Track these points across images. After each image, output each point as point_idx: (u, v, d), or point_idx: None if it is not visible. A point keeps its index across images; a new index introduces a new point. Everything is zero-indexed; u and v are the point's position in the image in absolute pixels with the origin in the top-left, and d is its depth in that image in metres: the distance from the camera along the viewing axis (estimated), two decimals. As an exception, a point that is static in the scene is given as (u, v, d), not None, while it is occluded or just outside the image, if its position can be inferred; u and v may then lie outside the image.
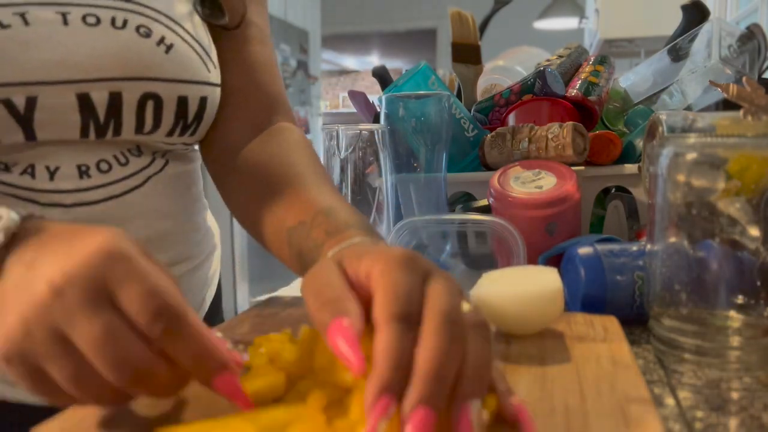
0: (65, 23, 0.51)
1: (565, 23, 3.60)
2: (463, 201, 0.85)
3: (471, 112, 0.88)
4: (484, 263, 0.70)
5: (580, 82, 0.85)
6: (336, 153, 0.67)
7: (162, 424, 0.34)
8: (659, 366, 0.47)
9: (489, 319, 0.48)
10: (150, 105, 0.55)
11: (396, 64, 7.46)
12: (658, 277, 0.47)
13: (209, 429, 0.31)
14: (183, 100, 0.57)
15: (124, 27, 0.54)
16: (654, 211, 0.48)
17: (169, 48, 0.56)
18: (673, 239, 0.46)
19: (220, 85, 0.62)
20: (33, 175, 0.53)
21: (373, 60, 8.01)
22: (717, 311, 0.45)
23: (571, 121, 0.73)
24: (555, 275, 0.48)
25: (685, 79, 0.83)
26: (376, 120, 0.88)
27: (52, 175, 0.53)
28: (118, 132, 0.55)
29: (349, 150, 0.67)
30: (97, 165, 0.55)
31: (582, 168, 0.74)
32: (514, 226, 0.59)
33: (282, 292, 0.94)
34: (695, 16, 0.93)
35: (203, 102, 0.59)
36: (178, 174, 0.63)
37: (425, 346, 0.29)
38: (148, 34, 0.55)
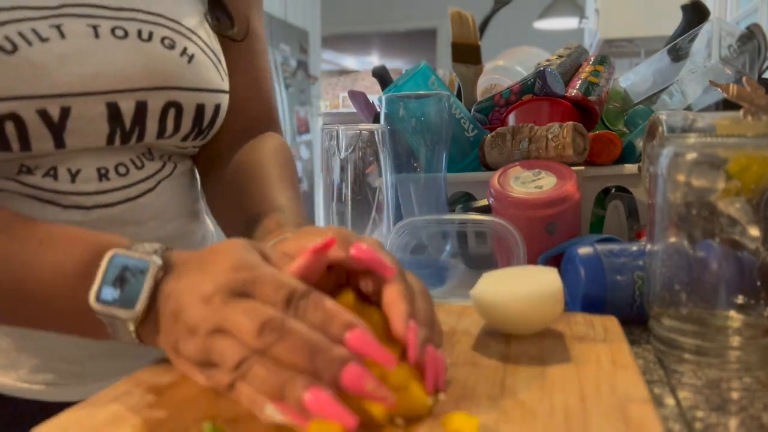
0: (96, 36, 0.53)
1: (565, 23, 3.61)
2: (463, 201, 0.85)
3: (471, 112, 0.88)
4: (484, 263, 0.70)
5: (580, 82, 0.85)
6: (336, 153, 0.67)
7: (161, 425, 0.34)
8: (659, 366, 0.47)
9: (489, 319, 0.48)
10: (172, 112, 0.58)
11: (396, 64, 7.46)
12: (658, 277, 0.47)
13: None
14: (201, 107, 0.60)
15: (150, 39, 0.56)
16: (654, 211, 0.48)
17: (191, 58, 0.59)
18: (673, 239, 0.46)
19: (228, 92, 0.64)
20: (55, 177, 0.54)
21: (373, 60, 8.01)
22: (717, 311, 0.45)
23: (571, 121, 0.73)
24: (555, 275, 0.48)
25: (685, 79, 0.83)
26: (376, 120, 0.88)
27: (74, 177, 0.55)
28: (141, 138, 0.57)
29: (349, 150, 0.67)
30: (116, 168, 0.57)
31: (582, 168, 0.74)
32: (514, 226, 0.59)
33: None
34: (695, 16, 0.93)
35: (217, 109, 0.62)
36: (183, 175, 0.65)
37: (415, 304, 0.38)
38: (172, 46, 0.57)
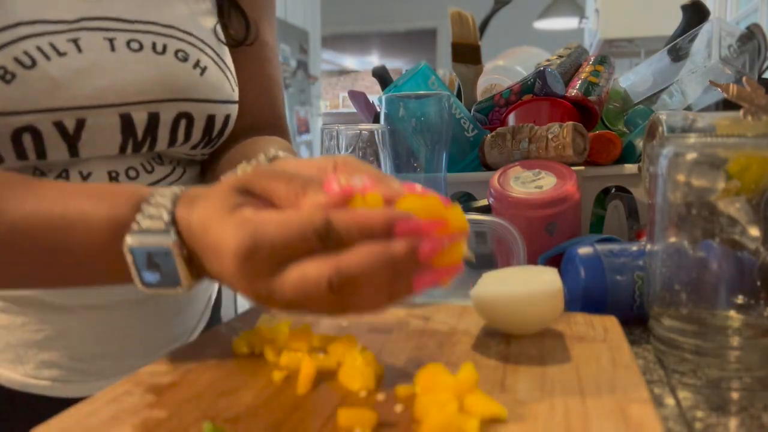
0: (113, 49, 0.54)
1: (565, 23, 3.60)
2: (463, 201, 0.85)
3: (471, 112, 0.88)
4: (484, 263, 0.70)
5: (580, 82, 0.85)
6: (336, 153, 0.67)
7: (161, 425, 0.34)
8: (659, 366, 0.47)
9: (489, 319, 0.48)
10: (183, 123, 0.58)
11: (396, 64, 7.46)
12: (658, 277, 0.47)
13: None
14: (211, 118, 0.60)
15: (164, 52, 0.57)
16: (654, 211, 0.48)
17: (204, 70, 0.59)
18: (673, 239, 0.46)
19: (237, 102, 0.65)
20: (67, 179, 0.55)
21: (373, 60, 8.01)
22: (717, 311, 0.45)
23: (571, 121, 0.73)
24: (555, 275, 0.48)
25: (685, 79, 0.83)
26: (376, 120, 0.88)
27: (85, 180, 0.56)
28: (152, 147, 0.58)
29: (349, 150, 0.67)
30: (126, 172, 0.58)
31: (582, 168, 0.74)
32: (514, 226, 0.59)
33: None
34: (695, 16, 0.93)
35: (227, 119, 0.63)
36: (192, 180, 0.66)
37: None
38: (186, 58, 0.58)
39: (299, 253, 0.34)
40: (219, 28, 0.64)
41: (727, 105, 0.78)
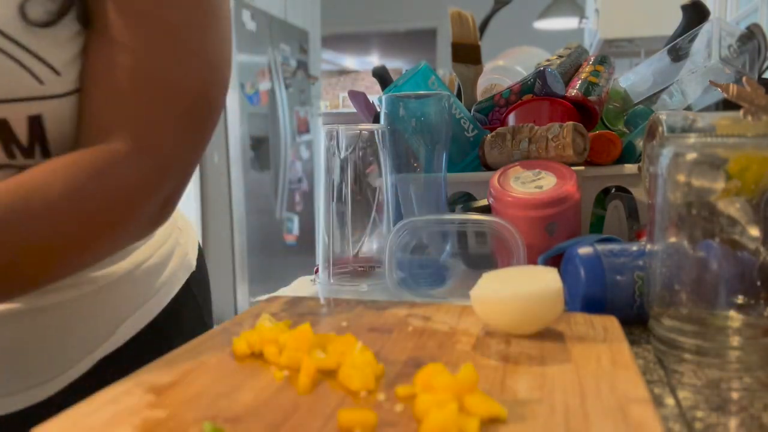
0: None
1: (565, 23, 3.61)
2: (463, 201, 0.85)
3: (471, 112, 0.88)
4: (484, 263, 0.70)
5: (580, 82, 0.85)
6: (336, 153, 0.67)
7: (161, 425, 0.34)
8: (659, 366, 0.47)
9: (489, 319, 0.48)
10: None
11: (396, 64, 7.46)
12: (658, 277, 0.47)
13: None
14: (1, 122, 0.47)
15: None
16: (654, 211, 0.48)
17: None
18: (673, 239, 0.46)
19: (75, 92, 0.50)
20: None
21: (373, 60, 8.01)
22: (717, 311, 0.45)
23: (571, 121, 0.73)
24: (555, 275, 0.48)
25: (685, 79, 0.83)
26: (376, 120, 0.88)
27: None
28: None
29: (349, 150, 0.67)
30: None
31: (582, 168, 0.74)
32: (514, 226, 0.59)
33: (282, 292, 0.94)
34: (695, 16, 0.93)
35: (35, 121, 0.48)
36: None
37: None
38: None
39: None
40: (28, 7, 0.47)
41: (727, 105, 0.78)
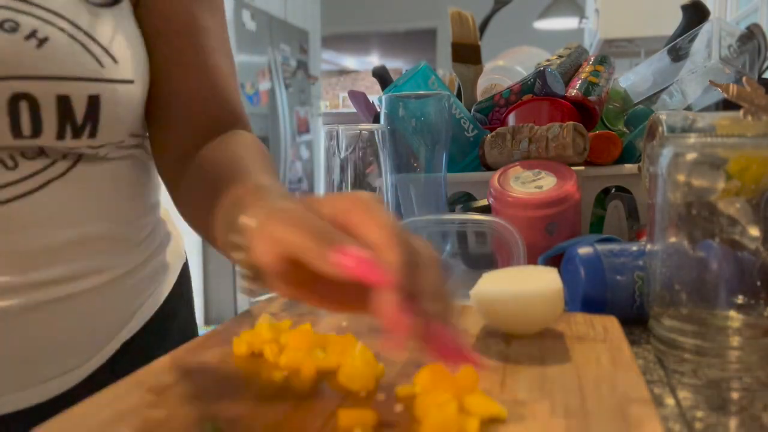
0: None
1: (565, 23, 3.61)
2: (463, 201, 0.85)
3: (471, 112, 0.88)
4: (484, 263, 0.70)
5: (580, 82, 0.85)
6: (336, 153, 0.67)
7: (161, 425, 0.34)
8: (659, 366, 0.47)
9: (489, 319, 0.48)
10: (24, 106, 0.50)
11: (396, 64, 7.46)
12: (658, 277, 0.47)
13: None
14: (64, 99, 0.51)
15: None
16: (654, 211, 0.48)
17: (42, 42, 0.50)
18: (673, 239, 0.46)
19: (129, 82, 0.56)
20: None
21: (373, 60, 8.01)
22: (717, 311, 0.45)
23: (571, 121, 0.73)
24: (555, 275, 0.48)
25: (685, 79, 0.83)
26: (376, 120, 0.88)
27: None
28: None
29: (349, 150, 0.67)
30: None
31: (582, 168, 0.74)
32: (514, 226, 0.59)
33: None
34: (695, 16, 0.93)
35: (95, 101, 0.53)
36: (92, 177, 0.57)
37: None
38: (15, 28, 0.49)
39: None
40: None
41: (727, 105, 0.78)
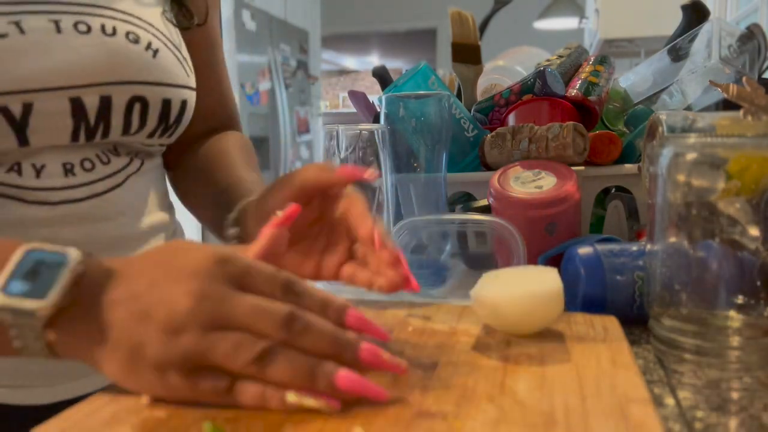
0: (58, 31, 0.52)
1: (565, 23, 3.61)
2: (463, 201, 0.85)
3: (471, 112, 0.88)
4: (484, 263, 0.70)
5: (580, 82, 0.85)
6: (336, 153, 0.67)
7: (161, 425, 0.34)
8: (659, 366, 0.47)
9: (489, 319, 0.48)
10: (137, 107, 0.57)
11: (396, 64, 7.47)
12: (658, 277, 0.47)
13: None
14: (167, 102, 0.59)
15: (114, 34, 0.56)
16: (654, 211, 0.48)
17: (156, 53, 0.58)
18: (673, 239, 0.46)
19: (195, 90, 0.65)
20: (20, 172, 0.53)
21: (373, 60, 8.01)
22: (717, 311, 0.45)
23: (571, 121, 0.73)
24: (555, 275, 0.48)
25: (685, 79, 0.83)
26: (376, 120, 0.88)
27: (39, 173, 0.54)
28: (106, 134, 0.56)
29: (349, 150, 0.67)
30: (81, 163, 0.56)
31: (582, 168, 0.74)
32: (514, 226, 0.59)
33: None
34: (695, 16, 0.93)
35: (184, 105, 0.62)
36: (152, 172, 0.65)
37: None
38: (137, 41, 0.57)
39: (263, 293, 0.37)
40: (168, 13, 0.63)
41: (727, 105, 0.78)
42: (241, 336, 0.35)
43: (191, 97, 0.63)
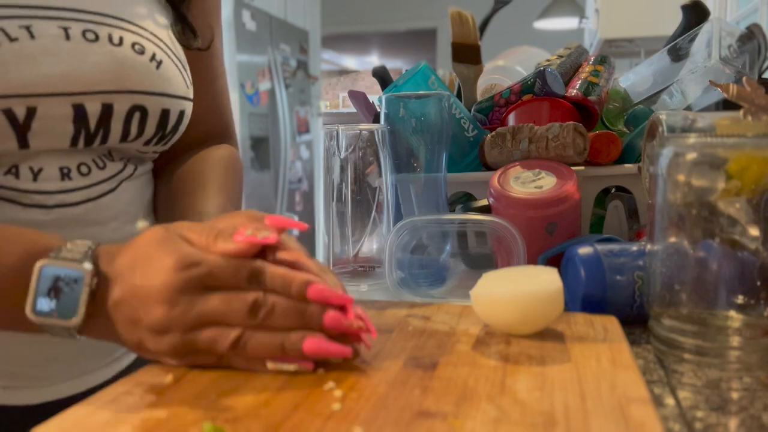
0: (67, 38, 0.53)
1: (565, 23, 3.60)
2: (463, 201, 0.85)
3: (471, 112, 0.88)
4: (484, 263, 0.70)
5: (580, 82, 0.85)
6: (336, 153, 0.67)
7: (161, 425, 0.34)
8: (659, 366, 0.47)
9: (489, 319, 0.48)
10: (136, 116, 0.58)
11: (396, 64, 7.47)
12: (658, 277, 0.47)
13: None
14: (165, 112, 0.60)
15: (120, 44, 0.57)
16: (654, 211, 0.48)
17: (159, 64, 0.60)
18: (673, 239, 0.46)
19: (192, 101, 0.66)
20: (17, 175, 0.54)
21: (373, 60, 8.01)
22: (717, 311, 0.45)
23: (571, 121, 0.73)
24: (555, 275, 0.48)
25: (685, 79, 0.83)
26: (376, 120, 0.88)
27: (36, 176, 0.54)
28: (105, 141, 0.57)
29: (349, 150, 0.67)
30: (78, 168, 0.57)
31: (582, 168, 0.74)
32: (514, 226, 0.59)
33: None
34: (695, 16, 0.93)
35: (181, 115, 0.63)
36: (144, 177, 0.66)
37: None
38: (142, 51, 0.58)
39: (228, 287, 0.41)
40: (174, 29, 0.65)
41: (727, 105, 0.78)
42: (215, 330, 0.40)
43: (189, 108, 0.64)
